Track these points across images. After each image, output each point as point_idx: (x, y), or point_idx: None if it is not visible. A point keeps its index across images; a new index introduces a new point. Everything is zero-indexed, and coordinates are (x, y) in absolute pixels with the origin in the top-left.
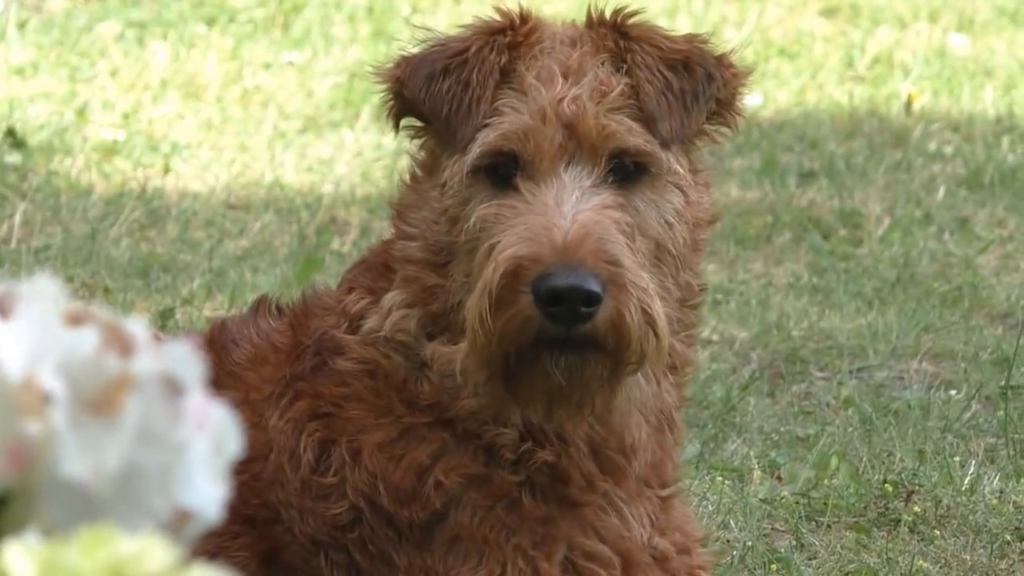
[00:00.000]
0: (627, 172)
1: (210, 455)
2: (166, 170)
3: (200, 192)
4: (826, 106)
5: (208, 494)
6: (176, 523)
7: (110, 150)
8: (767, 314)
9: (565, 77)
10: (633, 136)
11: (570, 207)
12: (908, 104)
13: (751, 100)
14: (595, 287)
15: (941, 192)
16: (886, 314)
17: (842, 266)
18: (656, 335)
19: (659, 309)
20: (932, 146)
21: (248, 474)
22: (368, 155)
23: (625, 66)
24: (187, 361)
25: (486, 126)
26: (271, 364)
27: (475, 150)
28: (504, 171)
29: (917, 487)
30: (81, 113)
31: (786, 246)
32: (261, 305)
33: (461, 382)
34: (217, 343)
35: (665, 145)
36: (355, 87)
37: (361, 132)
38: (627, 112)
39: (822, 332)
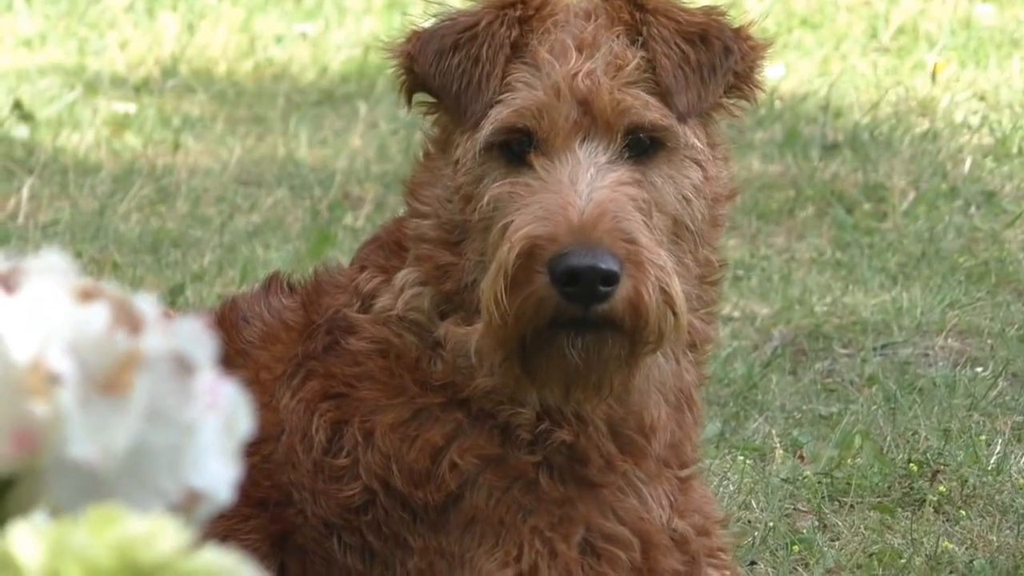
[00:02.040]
0: (643, 147)
1: (221, 435)
2: (176, 145)
3: (211, 167)
4: (850, 77)
5: (219, 475)
6: (186, 504)
7: (120, 124)
8: (789, 290)
9: (579, 51)
10: (649, 111)
11: (585, 184)
12: (933, 75)
13: (773, 71)
14: (613, 266)
15: (967, 164)
16: (911, 290)
17: (866, 241)
18: (674, 314)
19: (677, 287)
20: (958, 117)
21: (259, 456)
22: (383, 128)
23: (641, 39)
24: (198, 339)
25: (499, 102)
26: (282, 343)
27: (488, 127)
28: (518, 148)
29: (942, 466)
30: (90, 86)
31: (809, 220)
32: (273, 282)
33: (476, 363)
34: (228, 321)
35: (682, 119)
36: (370, 59)
37: (376, 105)
38: (643, 86)
39: (845, 308)
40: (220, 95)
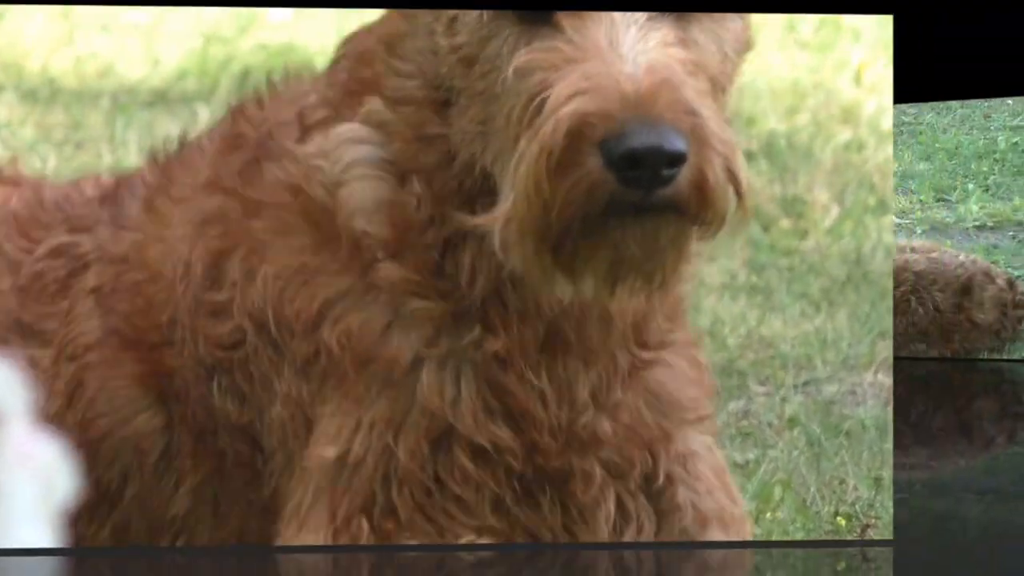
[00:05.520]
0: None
1: (36, 499)
2: None
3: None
4: (765, 78)
5: (32, 544)
6: None
7: None
8: (698, 319)
9: None
10: None
11: (629, 47)
12: (859, 74)
13: None
14: (680, 146)
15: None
16: (836, 318)
17: (784, 263)
18: (739, 195)
19: (741, 164)
20: (885, 124)
21: (143, 297)
22: None
23: None
24: (8, 385)
25: None
26: (204, 154)
27: None
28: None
29: (873, 520)
30: None
31: (719, 240)
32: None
33: (501, 255)
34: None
35: None
36: (211, 53)
37: (219, 107)
38: None
39: (762, 340)
40: (32, 94)
